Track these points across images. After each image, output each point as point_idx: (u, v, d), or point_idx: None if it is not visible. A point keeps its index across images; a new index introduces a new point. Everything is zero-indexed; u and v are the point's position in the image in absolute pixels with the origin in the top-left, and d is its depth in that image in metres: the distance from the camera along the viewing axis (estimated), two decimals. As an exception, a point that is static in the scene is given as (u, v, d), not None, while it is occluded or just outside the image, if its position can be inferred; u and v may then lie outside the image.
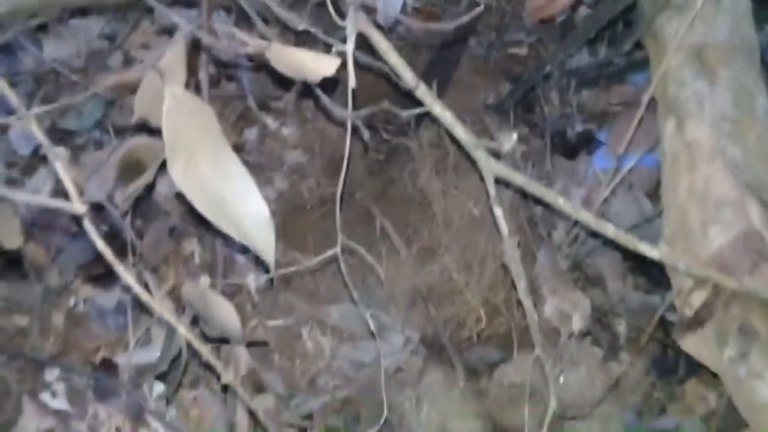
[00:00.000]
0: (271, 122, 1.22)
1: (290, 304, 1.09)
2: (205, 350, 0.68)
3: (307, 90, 1.24)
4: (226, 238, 1.10)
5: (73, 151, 1.15)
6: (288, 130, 1.23)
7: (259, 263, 1.12)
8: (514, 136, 0.79)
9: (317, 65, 0.62)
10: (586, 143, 1.40)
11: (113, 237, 1.12)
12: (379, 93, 1.02)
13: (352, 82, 0.65)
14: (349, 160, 1.25)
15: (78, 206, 0.54)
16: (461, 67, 1.37)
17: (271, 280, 1.01)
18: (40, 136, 0.60)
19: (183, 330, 0.65)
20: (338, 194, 0.73)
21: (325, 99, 0.74)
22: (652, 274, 1.24)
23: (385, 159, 1.26)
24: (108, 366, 1.00)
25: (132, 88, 1.20)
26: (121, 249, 1.10)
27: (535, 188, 0.88)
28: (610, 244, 1.24)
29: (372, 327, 0.86)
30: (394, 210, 1.24)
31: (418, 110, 0.75)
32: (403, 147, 1.23)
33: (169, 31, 1.32)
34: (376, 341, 0.86)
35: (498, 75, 1.41)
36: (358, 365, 1.06)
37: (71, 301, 1.05)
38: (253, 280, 1.10)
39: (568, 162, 1.39)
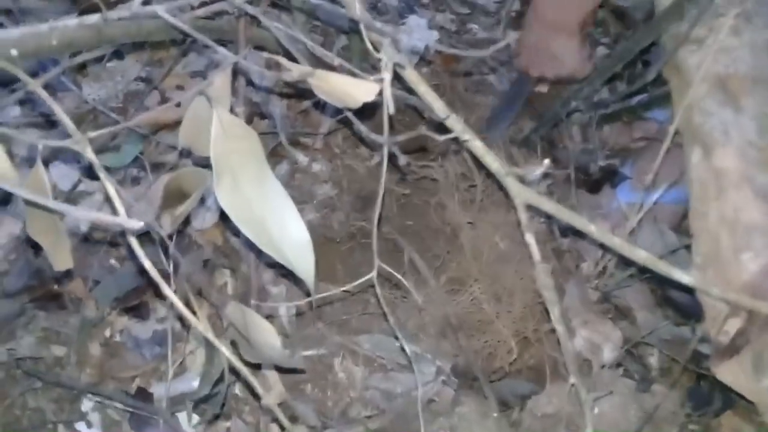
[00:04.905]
0: (301, 158, 1.25)
1: (322, 335, 1.10)
2: (246, 371, 0.69)
3: (336, 127, 1.29)
4: (258, 270, 1.13)
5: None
6: (318, 165, 1.26)
7: (291, 295, 1.13)
8: (546, 161, 0.80)
9: (357, 91, 0.65)
10: (610, 177, 1.41)
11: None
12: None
13: (391, 109, 0.67)
14: (377, 193, 1.27)
15: (127, 221, 0.56)
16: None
17: (311, 304, 1.01)
18: (92, 156, 0.63)
19: (225, 350, 0.67)
20: (375, 217, 0.75)
21: (360, 126, 0.76)
22: (682, 307, 1.24)
23: (412, 192, 1.28)
24: (143, 396, 1.01)
25: (168, 126, 1.25)
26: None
27: (565, 215, 0.89)
28: (639, 276, 1.26)
29: (409, 354, 0.86)
30: (421, 242, 1.25)
31: (451, 136, 0.77)
32: (429, 180, 1.25)
33: (201, 74, 1.37)
34: (415, 371, 0.87)
35: (521, 112, 1.44)
36: (390, 395, 1.06)
37: (108, 332, 1.07)
38: (286, 311, 1.11)
39: (591, 196, 1.40)
